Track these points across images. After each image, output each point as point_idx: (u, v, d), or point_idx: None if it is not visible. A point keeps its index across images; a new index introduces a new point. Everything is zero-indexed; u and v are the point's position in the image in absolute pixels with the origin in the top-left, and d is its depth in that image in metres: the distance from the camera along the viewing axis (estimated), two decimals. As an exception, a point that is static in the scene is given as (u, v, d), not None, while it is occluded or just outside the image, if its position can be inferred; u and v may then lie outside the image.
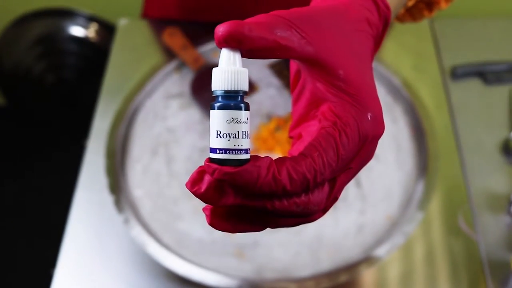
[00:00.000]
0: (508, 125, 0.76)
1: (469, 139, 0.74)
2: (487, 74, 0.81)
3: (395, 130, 0.75)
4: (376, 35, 0.32)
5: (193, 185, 0.28)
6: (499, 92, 0.80)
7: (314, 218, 0.31)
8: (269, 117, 0.76)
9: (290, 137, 0.33)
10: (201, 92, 0.78)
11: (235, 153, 0.27)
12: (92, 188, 0.70)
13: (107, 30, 1.34)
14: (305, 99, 0.32)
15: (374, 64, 0.80)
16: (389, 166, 0.71)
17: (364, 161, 0.32)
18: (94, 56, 1.37)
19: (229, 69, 0.27)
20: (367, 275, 0.62)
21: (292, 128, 0.34)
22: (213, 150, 0.28)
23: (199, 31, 0.84)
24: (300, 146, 0.31)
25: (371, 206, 0.67)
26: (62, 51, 1.37)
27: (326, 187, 0.30)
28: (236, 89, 0.27)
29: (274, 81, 0.81)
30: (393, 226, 0.65)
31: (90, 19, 1.34)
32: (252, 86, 0.80)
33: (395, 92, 0.78)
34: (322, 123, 0.30)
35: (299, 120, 0.33)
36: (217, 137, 0.28)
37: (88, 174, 0.71)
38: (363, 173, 0.70)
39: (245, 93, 0.28)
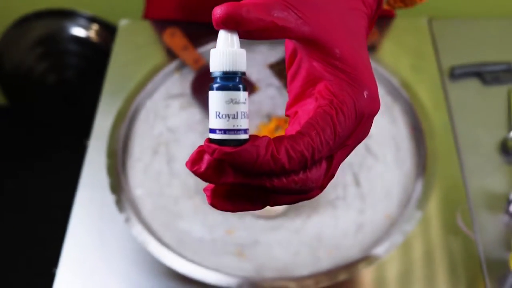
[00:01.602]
0: (506, 125, 0.76)
1: (467, 139, 0.74)
2: (485, 74, 0.81)
3: (394, 130, 0.75)
4: (370, 14, 0.33)
5: (193, 164, 0.28)
6: (497, 92, 0.80)
7: (312, 195, 0.32)
8: (269, 117, 0.77)
9: (287, 115, 0.34)
10: (202, 92, 0.79)
11: (235, 133, 0.28)
12: (94, 187, 0.70)
13: (108, 30, 1.35)
14: (301, 78, 0.32)
15: (373, 65, 0.80)
16: (388, 166, 0.71)
17: (360, 138, 0.32)
18: (95, 57, 1.37)
19: (227, 51, 0.27)
20: (366, 274, 0.62)
21: (289, 107, 0.34)
22: (212, 131, 0.28)
23: (199, 32, 0.85)
24: (297, 125, 0.32)
25: (370, 205, 0.67)
26: (64, 51, 1.38)
27: (324, 165, 0.30)
28: (234, 70, 0.28)
29: (274, 81, 0.81)
30: (392, 225, 0.65)
31: (91, 19, 1.35)
32: (252, 87, 0.80)
33: (394, 92, 0.78)
34: (318, 101, 0.30)
35: (295, 98, 0.33)
36: (216, 118, 0.28)
37: (90, 174, 0.72)
38: (362, 173, 0.70)
39: (243, 74, 0.28)
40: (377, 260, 0.61)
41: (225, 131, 0.28)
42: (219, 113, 0.28)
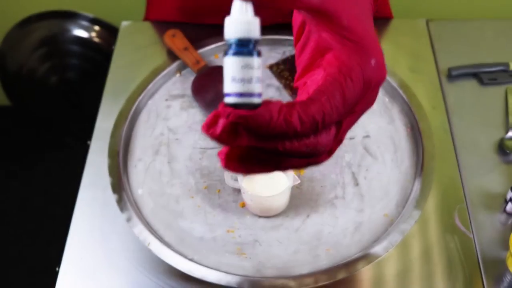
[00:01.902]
0: (503, 125, 0.77)
1: (465, 138, 0.75)
2: (483, 75, 0.82)
3: (392, 130, 0.76)
4: None
5: (209, 128, 0.29)
6: (495, 93, 0.80)
7: (321, 160, 0.33)
8: (269, 118, 0.77)
9: (295, 87, 0.35)
10: (202, 93, 0.79)
11: (249, 97, 0.29)
12: (95, 187, 0.71)
13: (110, 32, 1.36)
14: (309, 50, 0.34)
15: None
16: (386, 165, 0.72)
17: (367, 105, 0.34)
18: (97, 58, 1.38)
19: (242, 19, 0.29)
20: (365, 272, 0.62)
21: (297, 79, 0.35)
22: (227, 95, 0.29)
23: (200, 33, 0.85)
24: (305, 94, 0.33)
25: (369, 204, 0.68)
26: (66, 52, 1.38)
27: (333, 129, 0.32)
28: (248, 37, 0.29)
29: (274, 82, 0.82)
30: (390, 224, 0.66)
31: (93, 21, 1.35)
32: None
33: (392, 92, 0.79)
34: (327, 70, 0.32)
35: (304, 70, 0.34)
36: (231, 82, 0.29)
37: (91, 174, 0.72)
38: (361, 173, 0.71)
39: (256, 41, 0.29)
40: (376, 259, 0.62)
41: (240, 95, 0.29)
42: (235, 77, 0.29)
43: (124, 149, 0.73)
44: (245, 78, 0.29)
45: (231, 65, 0.29)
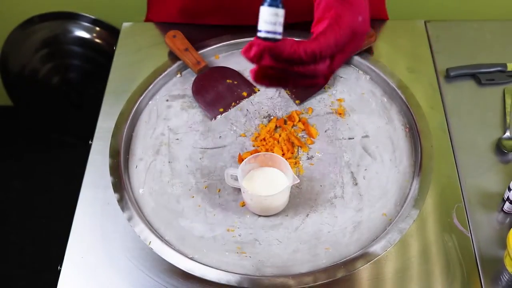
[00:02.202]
0: (501, 125, 0.78)
1: (463, 138, 0.75)
2: (480, 76, 0.82)
3: (390, 130, 0.76)
4: None
5: (245, 52, 0.46)
6: (492, 93, 0.81)
7: (319, 82, 0.50)
8: (269, 118, 0.78)
9: (312, 32, 0.49)
10: (203, 93, 0.80)
11: (273, 34, 0.45)
12: (97, 186, 0.71)
13: (111, 33, 1.36)
14: (321, 7, 0.49)
15: (371, 66, 0.82)
16: (385, 165, 0.72)
17: (354, 48, 0.50)
18: (99, 58, 1.38)
19: None
20: (364, 271, 0.63)
21: (313, 27, 0.50)
22: (260, 31, 0.46)
23: (200, 34, 0.86)
24: (314, 36, 0.48)
25: (368, 204, 0.68)
26: (67, 53, 1.39)
27: (327, 61, 0.48)
28: None
29: (274, 82, 0.83)
30: (389, 223, 0.66)
31: (95, 22, 1.36)
32: (252, 88, 0.81)
33: (390, 93, 0.80)
34: (329, 20, 0.48)
35: (317, 21, 0.49)
36: (264, 23, 0.45)
37: (93, 173, 0.73)
38: (360, 172, 0.71)
39: None
40: (375, 258, 0.62)
41: (268, 32, 0.45)
42: (266, 20, 0.45)
43: (125, 149, 0.74)
44: (272, 21, 0.45)
45: (265, 12, 0.45)
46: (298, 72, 0.47)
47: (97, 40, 1.37)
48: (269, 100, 0.80)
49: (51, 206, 1.49)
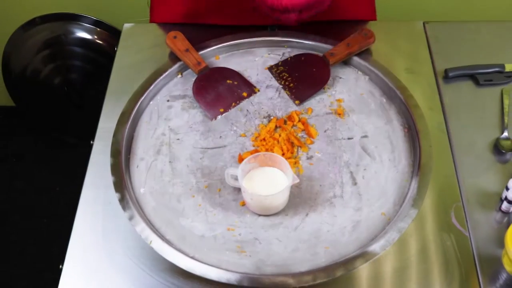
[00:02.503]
0: (499, 125, 0.78)
1: (461, 138, 0.76)
2: (479, 76, 0.82)
3: (389, 130, 0.76)
4: None
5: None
6: (490, 94, 0.81)
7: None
8: (269, 118, 0.78)
9: None
10: (203, 94, 0.80)
11: None
12: (98, 186, 0.72)
13: (112, 34, 1.37)
14: None
15: (370, 67, 0.82)
16: (384, 165, 0.73)
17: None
18: (100, 59, 1.39)
19: None
20: (363, 270, 0.63)
21: None
22: None
23: (201, 35, 0.86)
24: None
25: (367, 203, 0.69)
26: (69, 54, 1.39)
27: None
28: None
29: (274, 83, 0.83)
30: (387, 222, 0.66)
31: (96, 23, 1.37)
32: (252, 88, 0.82)
33: (389, 93, 0.80)
34: None
35: None
36: None
37: (94, 173, 0.73)
38: (359, 172, 0.72)
39: None
40: (374, 257, 0.62)
41: None
42: None
43: (126, 149, 0.74)
44: None
45: None
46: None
47: (98, 41, 1.38)
48: (269, 100, 0.80)
49: (52, 206, 1.49)
